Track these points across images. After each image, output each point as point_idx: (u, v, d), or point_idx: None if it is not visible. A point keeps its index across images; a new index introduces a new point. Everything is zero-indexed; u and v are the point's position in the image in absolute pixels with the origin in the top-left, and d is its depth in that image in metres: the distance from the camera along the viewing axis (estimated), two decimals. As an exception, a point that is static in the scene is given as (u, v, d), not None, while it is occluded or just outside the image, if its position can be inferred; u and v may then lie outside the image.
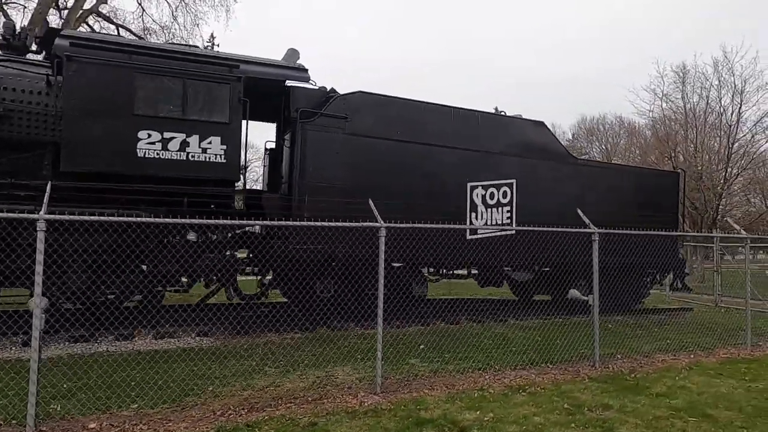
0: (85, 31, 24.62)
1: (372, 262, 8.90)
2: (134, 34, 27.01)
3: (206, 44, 42.33)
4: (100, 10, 26.62)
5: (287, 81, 9.03)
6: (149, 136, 8.01)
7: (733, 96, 24.81)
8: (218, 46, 42.22)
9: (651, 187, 12.31)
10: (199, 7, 28.52)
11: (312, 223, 6.70)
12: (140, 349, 7.36)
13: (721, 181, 25.04)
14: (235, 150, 8.54)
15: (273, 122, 10.55)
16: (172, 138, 8.15)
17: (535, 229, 8.36)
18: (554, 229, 8.10)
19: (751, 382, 6.43)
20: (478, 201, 10.33)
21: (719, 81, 25.37)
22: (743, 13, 63.42)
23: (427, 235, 9.60)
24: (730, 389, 6.10)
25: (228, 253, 8.81)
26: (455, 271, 11.27)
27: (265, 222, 7.55)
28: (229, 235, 9.07)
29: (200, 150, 8.32)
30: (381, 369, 5.85)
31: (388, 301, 9.83)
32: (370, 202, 6.86)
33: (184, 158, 8.22)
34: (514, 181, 10.65)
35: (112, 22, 26.65)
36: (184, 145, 8.22)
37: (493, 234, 10.41)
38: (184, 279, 8.71)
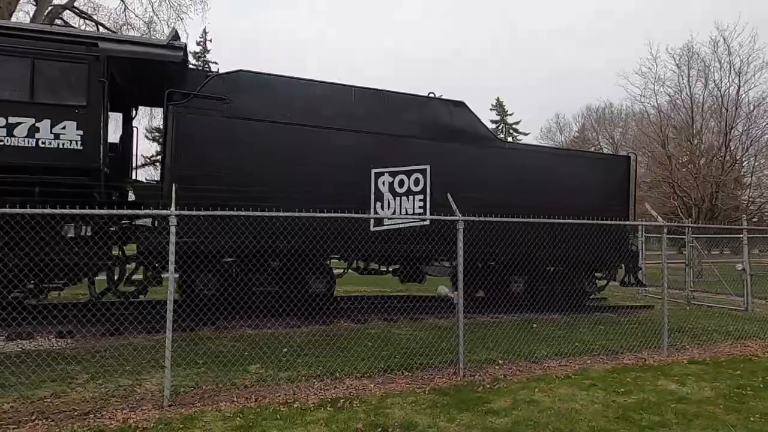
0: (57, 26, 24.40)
1: (257, 256, 8.21)
2: (112, 32, 26.76)
3: (199, 40, 42.19)
4: (75, 5, 26.32)
5: (157, 60, 8.26)
6: (-7, 121, 7.37)
7: (730, 76, 23.11)
8: (210, 41, 42.09)
9: (596, 173, 11.18)
10: (181, 1, 27.92)
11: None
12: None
13: (721, 168, 23.45)
14: (95, 136, 7.84)
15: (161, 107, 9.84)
16: (18, 123, 7.50)
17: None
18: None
19: (624, 395, 5.42)
20: (384, 189, 9.42)
21: (719, 62, 23.67)
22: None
23: (327, 226, 8.81)
24: (588, 404, 5.11)
25: (96, 247, 8.13)
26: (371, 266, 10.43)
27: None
28: (112, 228, 8.42)
29: (52, 136, 7.65)
30: (170, 380, 5.09)
31: (281, 298, 9.10)
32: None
33: (33, 145, 7.57)
34: (427, 167, 9.70)
35: (90, 19, 26.37)
36: (33, 130, 7.57)
37: (403, 225, 9.49)
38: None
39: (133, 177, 9.88)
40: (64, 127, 7.70)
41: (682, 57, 24.52)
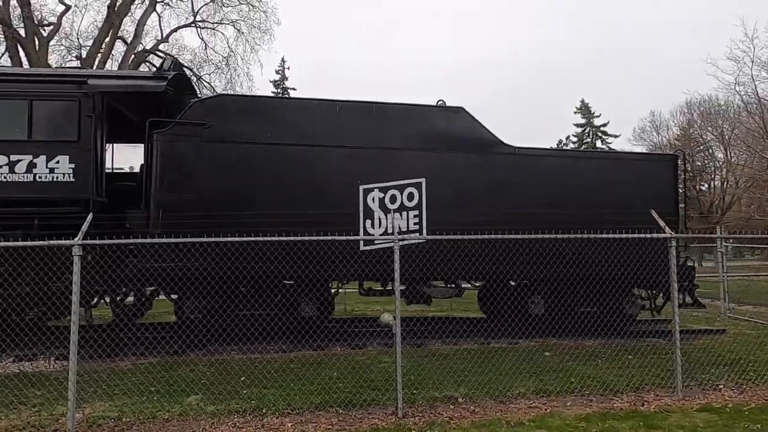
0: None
1: (243, 279, 8.13)
2: (195, 74, 29.00)
3: (278, 68, 44.47)
4: (159, 48, 28.91)
5: (141, 91, 8.57)
6: (-5, 160, 8.06)
7: None
8: (288, 68, 44.25)
9: (633, 178, 9.66)
10: (255, 35, 29.52)
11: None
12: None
13: None
14: (86, 168, 8.27)
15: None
16: (18, 160, 8.13)
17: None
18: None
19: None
20: (374, 206, 8.89)
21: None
22: None
23: (314, 248, 8.51)
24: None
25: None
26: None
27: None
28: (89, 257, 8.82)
29: (47, 170, 8.19)
30: (73, 411, 5.03)
31: (272, 322, 8.90)
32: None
33: (32, 180, 8.15)
34: (422, 180, 9.01)
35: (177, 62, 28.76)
36: (31, 166, 8.16)
37: (409, 242, 8.86)
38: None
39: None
40: (57, 162, 8.21)
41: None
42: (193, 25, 29.03)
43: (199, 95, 9.33)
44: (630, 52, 79.28)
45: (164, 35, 28.15)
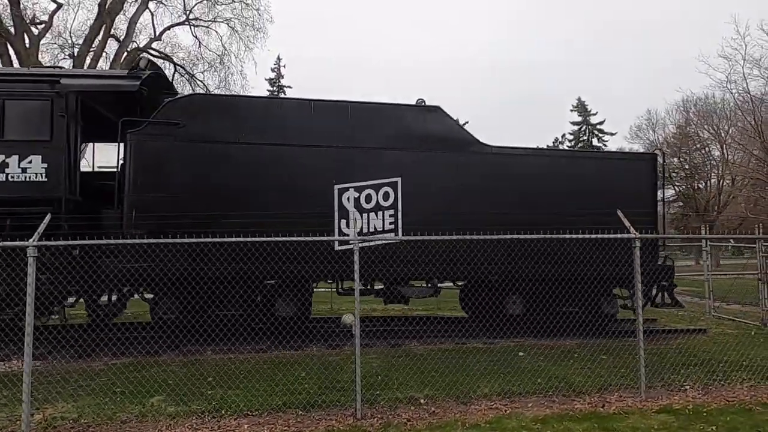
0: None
1: (217, 279, 8.14)
2: (188, 73, 28.91)
3: (273, 66, 44.38)
4: (153, 47, 28.79)
5: (114, 90, 8.56)
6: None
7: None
8: (284, 67, 44.15)
9: (610, 178, 9.62)
10: (249, 33, 29.43)
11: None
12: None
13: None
14: (58, 167, 8.26)
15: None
16: (-9, 160, 8.11)
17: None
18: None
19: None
20: (349, 206, 8.86)
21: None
22: None
23: (288, 248, 8.49)
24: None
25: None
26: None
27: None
28: (75, 252, 8.81)
29: (20, 170, 8.18)
30: (28, 413, 5.00)
31: (247, 323, 8.90)
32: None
33: (4, 179, 8.13)
34: (398, 179, 8.98)
35: (169, 59, 28.70)
36: (3, 166, 8.14)
37: (375, 243, 8.85)
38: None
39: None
40: (30, 161, 8.20)
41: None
42: (187, 23, 28.94)
43: (182, 94, 9.33)
44: (630, 50, 79.10)
45: (157, 33, 28.05)
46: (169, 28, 28.51)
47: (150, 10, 27.31)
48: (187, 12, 27.96)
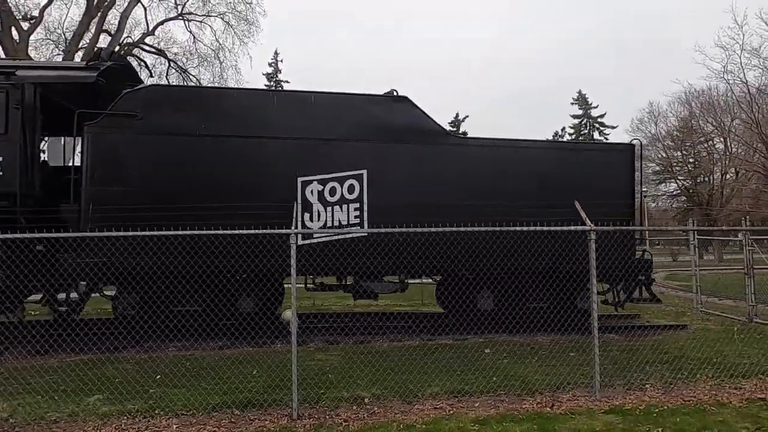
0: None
1: (179, 274, 7.97)
2: (181, 68, 28.63)
3: (271, 61, 44.19)
4: (146, 41, 28.63)
5: (71, 82, 8.37)
6: None
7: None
8: (281, 61, 43.92)
9: (587, 168, 9.31)
10: (243, 28, 29.11)
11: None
12: None
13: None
14: (13, 161, 8.09)
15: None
16: (-57, 154, 7.96)
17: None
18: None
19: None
20: (313, 199, 8.64)
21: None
22: None
23: (248, 243, 8.29)
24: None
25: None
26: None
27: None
28: (38, 247, 8.66)
29: (-27, 164, 8.02)
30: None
31: (203, 319, 8.72)
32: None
33: (-44, 173, 7.99)
34: (363, 171, 8.74)
35: (162, 55, 28.54)
36: (-45, 160, 7.99)
37: (336, 237, 8.63)
38: None
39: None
40: (-16, 155, 8.04)
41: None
42: (180, 17, 28.71)
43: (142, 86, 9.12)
44: (631, 42, 77.92)
45: (150, 28, 27.87)
46: (162, 22, 28.29)
47: (143, 4, 27.10)
48: (177, 5, 27.67)
